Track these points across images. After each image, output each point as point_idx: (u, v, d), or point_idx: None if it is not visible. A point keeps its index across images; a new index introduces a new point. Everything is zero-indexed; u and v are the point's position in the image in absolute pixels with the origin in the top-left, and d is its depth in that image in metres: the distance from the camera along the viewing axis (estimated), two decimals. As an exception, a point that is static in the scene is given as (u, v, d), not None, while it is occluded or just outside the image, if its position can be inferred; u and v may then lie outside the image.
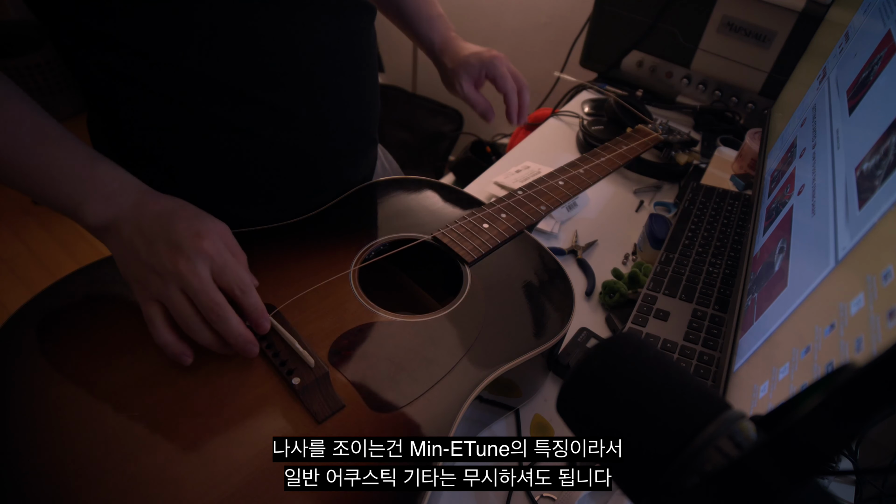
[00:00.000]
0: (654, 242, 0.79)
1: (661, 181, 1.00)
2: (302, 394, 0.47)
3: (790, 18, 0.97)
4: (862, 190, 0.43)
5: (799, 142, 0.69)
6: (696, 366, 0.60)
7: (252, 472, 0.42)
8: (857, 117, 0.52)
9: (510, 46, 1.74)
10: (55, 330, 0.50)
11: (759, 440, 0.23)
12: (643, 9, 1.12)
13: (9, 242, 1.83)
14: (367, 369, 0.51)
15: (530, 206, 0.69)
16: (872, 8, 0.62)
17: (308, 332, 0.52)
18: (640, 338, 0.31)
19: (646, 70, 1.18)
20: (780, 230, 0.59)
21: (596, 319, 0.74)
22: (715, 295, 0.69)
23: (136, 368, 0.48)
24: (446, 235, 0.64)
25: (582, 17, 1.26)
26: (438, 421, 0.48)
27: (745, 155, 0.94)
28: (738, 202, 0.85)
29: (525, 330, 0.56)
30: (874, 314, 0.33)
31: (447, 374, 0.51)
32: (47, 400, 0.45)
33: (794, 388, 0.40)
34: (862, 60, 0.57)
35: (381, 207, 0.70)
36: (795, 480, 0.21)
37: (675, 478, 0.24)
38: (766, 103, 1.08)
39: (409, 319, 0.55)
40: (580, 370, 0.28)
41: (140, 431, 0.44)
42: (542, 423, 0.61)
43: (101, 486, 0.40)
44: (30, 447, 0.42)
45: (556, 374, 0.66)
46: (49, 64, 2.13)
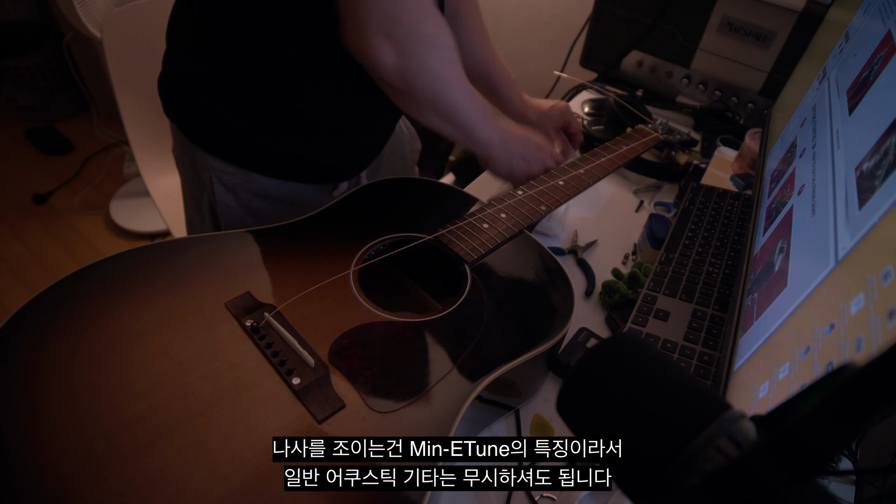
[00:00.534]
0: (654, 242, 0.79)
1: (661, 181, 1.00)
2: (302, 394, 0.47)
3: (790, 18, 0.97)
4: (862, 190, 0.43)
5: (799, 142, 0.69)
6: (696, 366, 0.60)
7: (252, 472, 0.42)
8: (857, 117, 0.52)
9: (510, 46, 1.74)
10: (55, 330, 0.50)
11: (759, 440, 0.23)
12: (643, 9, 1.12)
13: (9, 242, 1.83)
14: (367, 369, 0.51)
15: (530, 206, 0.69)
16: (872, 8, 0.62)
17: (308, 332, 0.52)
18: (640, 338, 0.31)
19: (646, 70, 1.18)
20: (780, 230, 0.59)
21: (596, 319, 0.74)
22: (715, 295, 0.69)
23: (135, 368, 0.48)
24: (446, 235, 0.64)
25: (582, 17, 1.26)
26: (438, 421, 0.48)
27: (745, 155, 0.94)
28: (738, 202, 0.85)
29: (525, 330, 0.56)
30: (874, 314, 0.33)
31: (447, 374, 0.51)
32: (47, 399, 0.45)
33: (794, 388, 0.40)
34: (862, 60, 0.57)
35: (381, 207, 0.70)
36: (795, 480, 0.21)
37: (675, 478, 0.24)
38: (766, 103, 1.08)
39: (410, 319, 0.55)
40: (580, 370, 0.28)
41: (140, 431, 0.44)
42: (542, 423, 0.61)
43: (101, 485, 0.40)
44: (30, 447, 0.42)
45: (556, 374, 0.66)
46: (49, 64, 2.13)
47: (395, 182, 0.73)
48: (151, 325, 0.51)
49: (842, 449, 0.45)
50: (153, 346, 0.49)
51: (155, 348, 0.49)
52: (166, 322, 0.51)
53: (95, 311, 0.52)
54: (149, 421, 0.45)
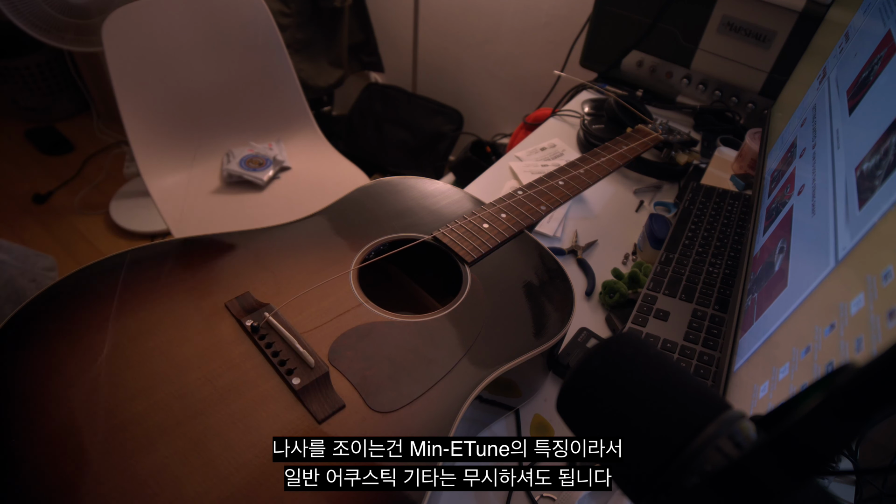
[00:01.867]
0: (654, 242, 0.79)
1: (661, 181, 1.00)
2: (302, 394, 0.47)
3: (790, 18, 0.97)
4: (862, 190, 0.43)
5: (799, 142, 0.69)
6: (696, 366, 0.60)
7: (252, 472, 0.42)
8: (857, 117, 0.52)
9: (510, 46, 1.74)
10: (56, 329, 0.50)
11: (759, 440, 0.23)
12: (643, 9, 1.12)
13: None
14: (366, 369, 0.51)
15: (530, 206, 0.69)
16: (872, 8, 0.62)
17: (308, 332, 0.52)
18: (640, 338, 0.31)
19: (646, 70, 1.18)
20: (781, 230, 0.59)
21: (596, 319, 0.74)
22: (715, 295, 0.69)
23: (135, 368, 0.48)
24: (446, 235, 0.64)
25: (582, 17, 1.26)
26: (438, 421, 0.48)
27: (745, 155, 0.94)
28: (738, 202, 0.85)
29: (525, 330, 0.56)
30: (874, 314, 0.33)
31: (447, 374, 0.51)
32: (47, 399, 0.45)
33: (794, 388, 0.40)
34: (862, 60, 0.57)
35: (381, 207, 0.70)
36: (795, 480, 0.21)
37: (675, 478, 0.24)
38: (766, 103, 1.08)
39: (409, 319, 0.55)
40: (580, 370, 0.28)
41: (140, 431, 0.44)
42: (542, 423, 0.61)
43: (101, 485, 0.40)
44: (30, 447, 0.42)
45: (556, 374, 0.66)
46: (49, 64, 2.13)
47: (394, 182, 0.73)
48: (151, 325, 0.51)
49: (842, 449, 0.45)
50: (153, 346, 0.49)
51: (154, 348, 0.49)
52: (166, 322, 0.51)
53: (95, 311, 0.52)
54: (148, 421, 0.45)
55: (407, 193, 0.72)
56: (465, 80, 1.92)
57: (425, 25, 1.86)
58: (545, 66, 1.58)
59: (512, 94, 1.84)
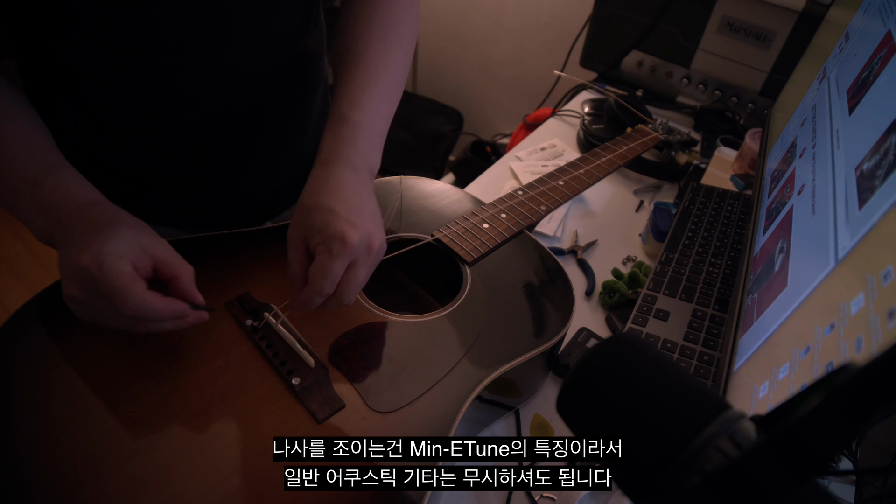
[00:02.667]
0: (658, 235, 0.79)
1: (661, 181, 1.00)
2: (302, 394, 0.47)
3: (790, 18, 0.97)
4: (862, 190, 0.43)
5: (799, 142, 0.69)
6: (696, 366, 0.60)
7: (252, 472, 0.42)
8: (857, 117, 0.52)
9: (510, 46, 1.74)
10: (55, 330, 0.50)
11: (759, 440, 0.23)
12: (643, 9, 1.12)
13: (9, 242, 1.83)
14: (366, 369, 0.51)
15: (530, 207, 0.69)
16: (872, 8, 0.62)
17: (308, 332, 0.52)
18: (640, 338, 0.31)
19: (646, 70, 1.18)
20: (780, 230, 0.59)
21: (596, 319, 0.74)
22: (715, 295, 0.69)
23: (136, 368, 0.48)
24: (446, 235, 0.64)
25: (582, 17, 1.26)
26: (438, 421, 0.48)
27: (745, 155, 0.94)
28: (738, 202, 0.85)
29: (525, 330, 0.56)
30: (874, 314, 0.33)
31: (447, 374, 0.51)
32: (48, 399, 0.45)
33: (794, 388, 0.40)
34: (862, 60, 0.57)
35: (381, 207, 0.69)
36: (795, 480, 0.21)
37: (675, 478, 0.24)
38: (766, 103, 1.08)
39: (409, 319, 0.55)
40: (580, 370, 0.28)
41: (140, 431, 0.44)
42: (542, 423, 0.61)
43: (101, 485, 0.40)
44: (30, 447, 0.42)
45: (556, 374, 0.66)
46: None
47: (394, 182, 0.73)
48: (151, 325, 0.51)
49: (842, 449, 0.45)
50: (153, 346, 0.49)
51: (154, 348, 0.49)
52: (166, 322, 0.51)
53: (95, 311, 0.52)
54: (148, 421, 0.45)
55: (407, 193, 0.72)
56: (465, 80, 1.92)
57: (425, 25, 1.86)
58: (545, 66, 1.58)
59: (512, 94, 1.84)
